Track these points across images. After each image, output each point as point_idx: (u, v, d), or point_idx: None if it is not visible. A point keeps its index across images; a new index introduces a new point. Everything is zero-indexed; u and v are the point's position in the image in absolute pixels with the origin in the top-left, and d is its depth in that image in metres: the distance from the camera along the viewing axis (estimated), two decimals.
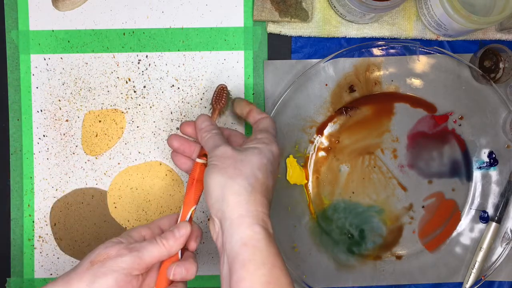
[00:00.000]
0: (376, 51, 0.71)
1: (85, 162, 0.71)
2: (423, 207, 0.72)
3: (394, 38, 0.71)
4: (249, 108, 0.64)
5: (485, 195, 0.72)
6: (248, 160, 0.55)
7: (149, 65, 0.71)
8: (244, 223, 0.52)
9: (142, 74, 0.71)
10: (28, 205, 0.71)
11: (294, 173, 0.71)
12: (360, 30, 0.71)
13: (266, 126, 0.61)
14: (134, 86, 0.71)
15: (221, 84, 0.66)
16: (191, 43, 0.71)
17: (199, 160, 0.60)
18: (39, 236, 0.72)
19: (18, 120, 0.71)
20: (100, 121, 0.71)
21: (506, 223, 0.71)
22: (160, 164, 0.71)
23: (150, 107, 0.71)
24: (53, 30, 0.71)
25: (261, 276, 0.51)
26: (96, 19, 0.71)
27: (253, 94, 0.71)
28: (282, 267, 0.52)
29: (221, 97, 0.66)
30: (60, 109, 0.71)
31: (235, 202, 0.53)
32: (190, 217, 0.59)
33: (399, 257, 0.72)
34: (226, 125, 0.71)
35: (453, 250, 0.72)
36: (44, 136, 0.71)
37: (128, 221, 0.72)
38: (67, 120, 0.71)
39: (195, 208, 0.59)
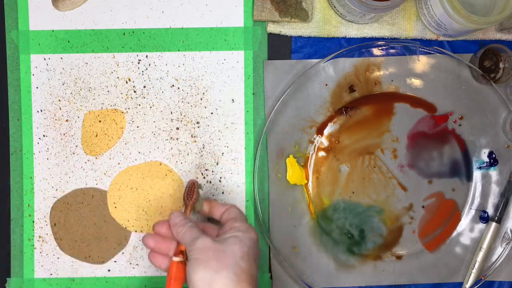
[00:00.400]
0: (376, 51, 0.71)
1: (85, 162, 0.71)
2: (423, 207, 0.72)
3: (394, 38, 0.71)
4: (209, 205, 0.64)
5: (485, 195, 0.72)
6: (230, 250, 0.55)
7: (149, 65, 0.71)
8: None
9: (142, 74, 0.71)
10: (28, 205, 0.71)
11: (294, 173, 0.71)
12: (360, 30, 0.71)
13: (236, 214, 0.61)
14: (134, 86, 0.71)
15: (191, 180, 0.65)
16: (191, 43, 0.71)
17: (175, 259, 0.59)
18: (39, 236, 0.72)
19: (18, 120, 0.71)
20: (100, 121, 0.71)
21: (506, 223, 0.71)
22: (160, 164, 0.71)
23: (150, 107, 0.71)
24: (53, 30, 0.71)
25: None
26: (96, 19, 0.71)
27: (253, 94, 0.71)
28: None
29: (192, 193, 0.65)
30: (60, 109, 0.71)
31: None
32: None
33: (399, 257, 0.72)
34: (225, 125, 0.71)
35: (453, 250, 0.72)
36: (44, 136, 0.71)
37: (128, 221, 0.72)
38: (67, 120, 0.71)
39: None
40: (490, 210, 0.72)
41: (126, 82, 0.71)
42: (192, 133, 0.71)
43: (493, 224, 0.71)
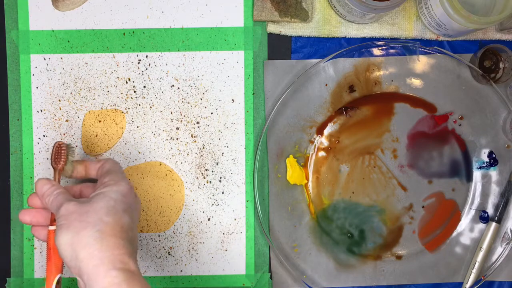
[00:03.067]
0: (376, 51, 0.71)
1: None
2: (423, 207, 0.72)
3: (394, 38, 0.71)
4: (82, 166, 0.64)
5: (485, 195, 0.72)
6: (93, 209, 0.55)
7: (149, 65, 0.71)
8: (100, 272, 0.52)
9: (142, 74, 0.71)
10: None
11: (294, 173, 0.71)
12: (360, 30, 0.71)
13: (109, 168, 0.61)
14: (134, 86, 0.71)
15: (57, 141, 0.63)
16: (191, 43, 0.71)
17: (51, 228, 0.59)
18: None
19: (18, 120, 0.71)
20: (100, 121, 0.71)
21: (506, 223, 0.71)
22: (160, 164, 0.71)
23: (150, 107, 0.71)
24: (53, 30, 0.71)
25: None
26: (96, 19, 0.71)
27: (253, 94, 0.71)
28: None
29: (60, 156, 0.62)
30: (60, 109, 0.71)
31: (87, 255, 0.53)
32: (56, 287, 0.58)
33: (399, 257, 0.72)
34: (225, 125, 0.71)
35: (453, 250, 0.72)
36: (44, 136, 0.71)
37: None
38: (67, 120, 0.71)
39: (61, 276, 0.58)
40: (490, 210, 0.72)
41: (126, 82, 0.71)
42: (192, 133, 0.71)
43: (493, 224, 0.71)
